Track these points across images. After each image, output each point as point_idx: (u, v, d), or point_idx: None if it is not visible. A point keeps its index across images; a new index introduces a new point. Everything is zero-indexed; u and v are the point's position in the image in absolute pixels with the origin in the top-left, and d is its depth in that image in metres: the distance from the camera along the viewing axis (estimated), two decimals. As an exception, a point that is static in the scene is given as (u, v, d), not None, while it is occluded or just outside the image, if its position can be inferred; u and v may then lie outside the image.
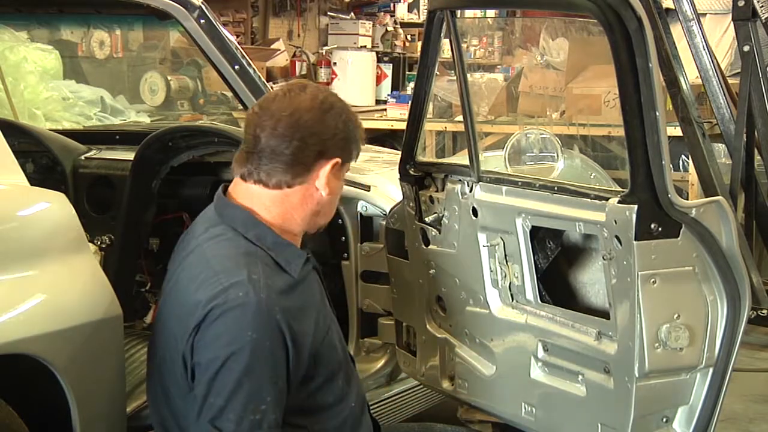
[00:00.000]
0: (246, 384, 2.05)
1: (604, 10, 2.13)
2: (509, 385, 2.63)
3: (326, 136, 2.19)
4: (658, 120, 2.13)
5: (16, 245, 2.21)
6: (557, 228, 2.50)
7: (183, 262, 2.22)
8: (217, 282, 2.09)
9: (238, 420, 2.04)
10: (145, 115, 6.33)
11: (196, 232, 2.26)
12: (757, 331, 4.82)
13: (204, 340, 2.08)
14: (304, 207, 2.23)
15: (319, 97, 2.21)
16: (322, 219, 2.29)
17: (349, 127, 2.23)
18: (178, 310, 2.16)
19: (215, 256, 2.16)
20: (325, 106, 2.20)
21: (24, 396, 2.28)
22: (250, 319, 2.06)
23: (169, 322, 2.19)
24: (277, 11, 9.56)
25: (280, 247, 2.20)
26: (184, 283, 2.17)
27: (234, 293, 2.07)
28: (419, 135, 2.87)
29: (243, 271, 2.10)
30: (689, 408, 2.31)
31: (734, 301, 2.25)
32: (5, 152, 2.36)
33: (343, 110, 2.23)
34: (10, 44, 5.70)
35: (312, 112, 2.18)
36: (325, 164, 2.20)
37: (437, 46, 2.75)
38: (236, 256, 2.15)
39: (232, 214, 2.22)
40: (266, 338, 2.07)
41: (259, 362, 2.06)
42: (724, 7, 7.25)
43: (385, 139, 7.57)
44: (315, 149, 2.18)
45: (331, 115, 2.20)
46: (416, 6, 10.70)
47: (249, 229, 2.19)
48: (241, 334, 2.05)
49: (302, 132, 2.17)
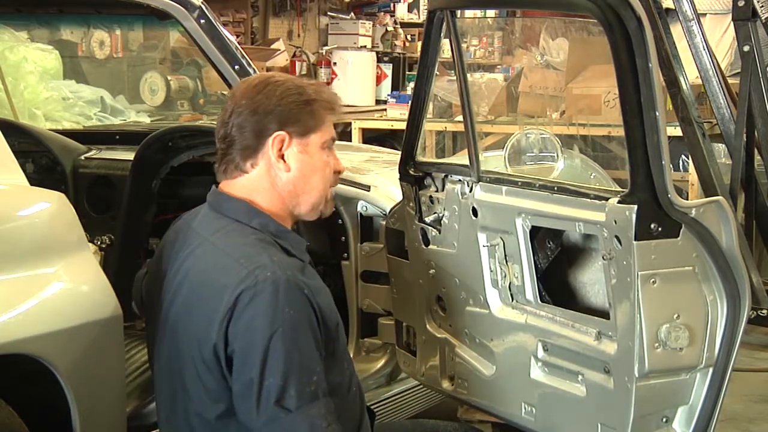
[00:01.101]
0: (296, 359, 2.07)
1: (604, 10, 2.13)
2: (509, 385, 2.63)
3: (260, 114, 2.23)
4: (657, 120, 2.13)
5: (16, 245, 2.21)
6: (557, 228, 2.50)
7: (189, 257, 2.23)
8: (241, 267, 2.11)
9: (299, 395, 2.06)
10: (145, 115, 6.33)
11: (196, 229, 2.28)
12: (757, 331, 4.82)
13: (240, 325, 2.08)
14: (277, 188, 2.26)
15: (256, 81, 2.28)
16: (305, 198, 2.29)
17: (288, 101, 2.24)
18: (195, 302, 2.17)
19: (229, 245, 2.19)
20: (259, 87, 2.26)
21: (24, 396, 2.27)
22: (283, 297, 2.08)
23: (185, 317, 2.19)
24: (277, 11, 9.56)
25: (283, 234, 2.25)
26: (200, 275, 2.18)
27: (262, 275, 2.09)
28: (419, 135, 2.87)
29: (263, 254, 2.14)
30: (689, 408, 2.31)
31: (734, 301, 2.25)
32: (5, 152, 2.36)
33: (279, 86, 2.25)
34: (10, 44, 5.70)
35: (246, 94, 2.25)
36: (269, 140, 2.24)
37: (437, 46, 2.75)
38: (252, 242, 2.18)
39: (233, 206, 2.26)
40: (302, 312, 2.10)
41: (302, 336, 2.09)
42: (724, 7, 7.26)
43: (385, 139, 7.57)
44: (253, 129, 2.23)
45: (265, 93, 2.24)
46: (416, 6, 10.70)
47: (253, 218, 2.24)
48: (278, 312, 2.07)
49: (241, 117, 2.23)
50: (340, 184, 3.27)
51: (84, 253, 2.34)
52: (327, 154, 2.31)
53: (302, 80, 2.35)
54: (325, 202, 2.35)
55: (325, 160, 2.31)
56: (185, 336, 2.19)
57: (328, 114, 2.30)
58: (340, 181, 3.20)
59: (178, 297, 2.22)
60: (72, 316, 2.22)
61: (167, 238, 2.37)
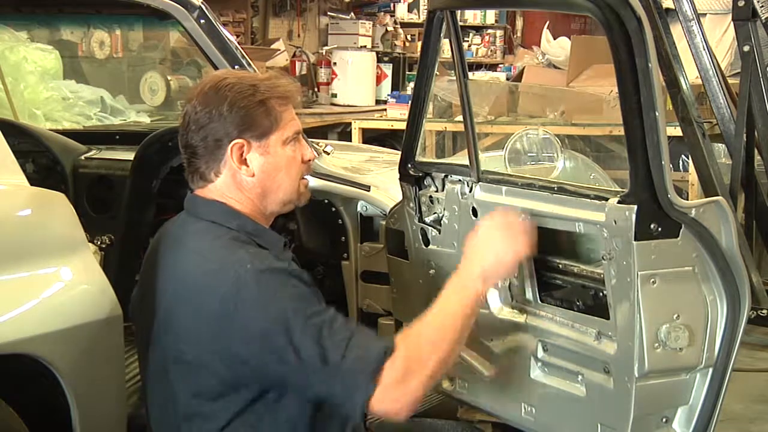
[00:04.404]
0: (316, 323, 2.07)
1: (603, 10, 2.13)
2: (509, 385, 2.63)
3: (216, 122, 2.21)
4: (657, 120, 2.13)
5: (16, 245, 2.21)
6: (557, 228, 2.50)
7: (170, 263, 2.23)
8: (219, 266, 2.12)
9: (340, 350, 2.06)
10: (145, 115, 6.34)
11: (175, 235, 2.28)
12: (757, 331, 4.82)
13: (238, 328, 2.08)
14: (245, 191, 2.26)
15: (208, 85, 2.24)
16: (274, 197, 2.29)
17: (240, 105, 2.21)
18: (179, 307, 2.17)
19: (206, 247, 2.19)
20: (210, 93, 2.23)
21: (24, 396, 2.28)
22: (268, 283, 2.09)
23: (171, 323, 2.19)
24: (277, 11, 9.56)
25: (260, 233, 2.26)
26: (181, 280, 2.18)
27: (242, 269, 2.09)
28: (419, 135, 2.87)
29: (240, 251, 2.15)
30: (689, 408, 2.30)
31: (734, 301, 2.25)
32: (5, 152, 2.36)
33: (231, 89, 2.22)
34: (10, 44, 5.70)
35: (200, 100, 2.23)
36: (227, 149, 2.23)
37: (437, 46, 2.75)
38: (227, 242, 2.18)
39: (209, 209, 2.26)
40: (293, 286, 2.12)
41: (306, 304, 2.10)
42: (724, 7, 7.25)
43: (385, 139, 7.57)
44: (211, 138, 2.22)
45: (217, 99, 2.21)
46: (416, 6, 10.71)
47: (231, 220, 2.24)
48: (270, 299, 2.08)
49: (198, 125, 2.22)
50: (340, 184, 3.30)
51: (84, 253, 2.34)
52: (292, 148, 2.29)
53: (256, 75, 2.33)
54: (298, 195, 2.33)
55: (289, 156, 2.28)
56: (173, 343, 2.18)
57: (285, 109, 2.27)
58: (340, 181, 3.19)
59: (162, 304, 2.22)
60: (72, 316, 2.22)
61: (151, 247, 2.37)
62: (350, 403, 2.09)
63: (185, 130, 2.26)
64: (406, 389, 2.08)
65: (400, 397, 2.08)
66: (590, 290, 2.44)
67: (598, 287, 2.40)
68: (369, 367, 2.05)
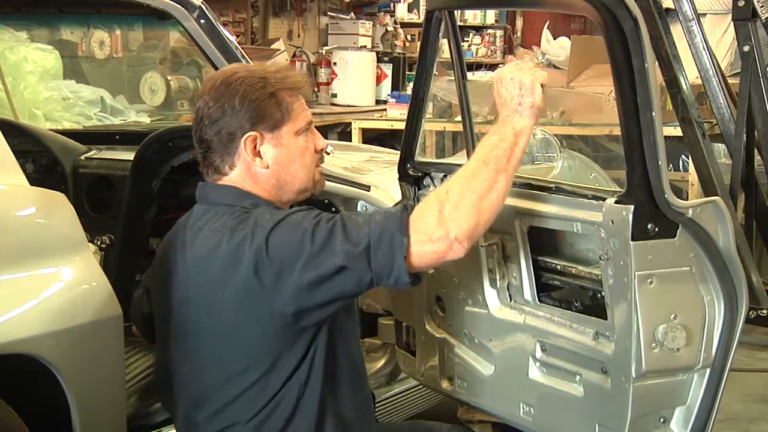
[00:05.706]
0: (337, 224, 2.13)
1: (600, 9, 2.13)
2: (508, 385, 2.64)
3: (228, 116, 2.25)
4: (654, 120, 2.13)
5: (16, 245, 2.21)
6: (555, 228, 2.50)
7: (188, 252, 2.25)
8: (231, 230, 2.17)
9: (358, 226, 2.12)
10: (145, 115, 6.34)
11: (190, 225, 2.30)
12: (756, 331, 4.82)
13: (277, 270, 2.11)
14: (260, 182, 2.29)
15: (219, 80, 2.28)
16: (289, 186, 2.32)
17: (252, 97, 2.25)
18: (205, 287, 2.20)
19: (220, 225, 2.21)
20: (222, 87, 2.26)
21: (24, 396, 2.28)
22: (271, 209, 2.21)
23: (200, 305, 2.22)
24: (277, 11, 9.56)
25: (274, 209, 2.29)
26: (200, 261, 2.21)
27: (250, 217, 2.18)
28: (418, 135, 2.87)
29: (250, 218, 2.19)
30: (686, 408, 2.31)
31: (731, 301, 2.25)
32: (5, 152, 2.36)
33: (242, 82, 2.26)
34: (10, 44, 5.71)
35: (212, 94, 2.26)
36: (241, 142, 2.26)
37: (436, 46, 2.75)
38: (238, 214, 2.22)
39: (221, 193, 2.29)
40: (300, 212, 2.20)
41: (318, 215, 2.17)
42: (724, 7, 7.26)
43: (385, 139, 7.57)
44: (224, 131, 2.25)
45: (229, 92, 2.25)
46: (416, 6, 10.71)
47: (243, 200, 2.27)
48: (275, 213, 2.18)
49: (210, 119, 2.26)
50: (340, 184, 3.30)
51: (84, 253, 2.34)
52: (304, 139, 2.32)
53: (266, 68, 2.34)
54: (314, 183, 2.36)
55: (302, 146, 2.31)
56: (210, 325, 2.21)
57: (296, 100, 2.30)
58: (340, 181, 3.21)
59: (193, 292, 2.24)
60: (72, 316, 2.23)
61: (163, 246, 2.38)
62: (397, 268, 2.09)
63: (198, 125, 2.28)
64: (445, 221, 2.08)
65: (442, 230, 2.08)
66: (588, 290, 2.45)
67: (595, 288, 2.41)
68: (393, 224, 2.09)
